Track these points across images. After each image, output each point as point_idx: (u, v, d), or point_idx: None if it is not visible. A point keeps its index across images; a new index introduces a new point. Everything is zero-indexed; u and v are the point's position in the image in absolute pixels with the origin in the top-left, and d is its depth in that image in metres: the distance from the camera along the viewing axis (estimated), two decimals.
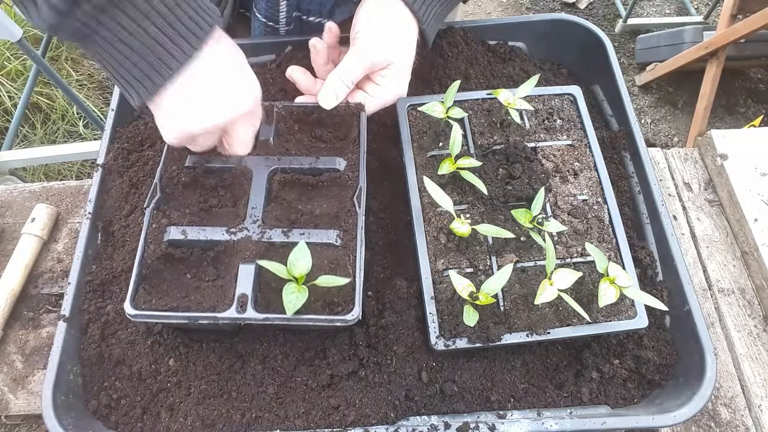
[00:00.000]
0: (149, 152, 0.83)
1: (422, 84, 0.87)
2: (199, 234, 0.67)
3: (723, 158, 0.95)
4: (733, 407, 0.78)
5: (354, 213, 0.69)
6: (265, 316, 0.63)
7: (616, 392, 0.70)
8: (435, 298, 0.67)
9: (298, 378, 0.68)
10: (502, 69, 0.89)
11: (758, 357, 0.81)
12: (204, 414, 0.66)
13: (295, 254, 0.62)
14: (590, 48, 0.89)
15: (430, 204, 0.72)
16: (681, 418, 0.62)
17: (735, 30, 2.11)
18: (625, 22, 2.78)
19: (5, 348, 0.81)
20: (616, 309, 0.68)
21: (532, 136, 0.78)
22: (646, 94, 2.68)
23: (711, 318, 0.85)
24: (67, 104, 2.30)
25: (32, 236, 0.87)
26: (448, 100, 0.75)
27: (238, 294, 0.64)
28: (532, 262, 0.70)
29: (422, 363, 0.69)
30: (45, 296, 0.85)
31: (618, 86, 0.85)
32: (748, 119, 2.52)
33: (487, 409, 0.68)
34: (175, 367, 0.69)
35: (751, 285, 0.88)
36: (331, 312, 0.64)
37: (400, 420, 0.66)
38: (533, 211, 0.69)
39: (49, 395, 0.64)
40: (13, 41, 1.59)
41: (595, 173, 0.76)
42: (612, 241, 0.72)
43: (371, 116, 0.78)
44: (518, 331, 0.66)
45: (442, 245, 0.70)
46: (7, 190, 0.96)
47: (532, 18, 0.92)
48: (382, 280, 0.73)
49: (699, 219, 0.94)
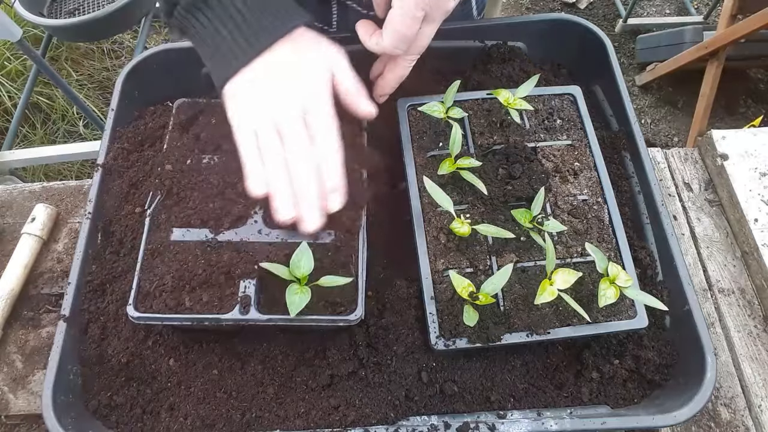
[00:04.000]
0: (149, 152, 0.83)
1: (423, 84, 0.87)
2: (200, 235, 0.67)
3: (723, 158, 0.95)
4: (733, 407, 0.78)
5: (356, 213, 0.69)
6: (269, 317, 0.63)
7: (616, 392, 0.70)
8: (435, 298, 0.67)
9: (298, 378, 0.68)
10: (502, 69, 0.89)
11: (758, 357, 0.81)
12: (204, 414, 0.66)
13: (297, 255, 0.62)
14: (590, 48, 0.89)
15: (430, 204, 0.72)
16: (681, 418, 0.62)
17: (735, 30, 2.11)
18: (625, 22, 2.78)
19: (5, 348, 0.81)
20: (616, 309, 0.68)
21: (532, 136, 0.78)
22: (646, 94, 2.68)
23: (711, 318, 0.85)
24: (67, 104, 2.30)
25: (32, 236, 0.87)
26: (448, 100, 0.75)
27: (240, 295, 0.64)
28: (532, 262, 0.70)
29: (422, 363, 0.69)
30: (45, 296, 0.85)
31: (618, 86, 0.85)
32: (748, 119, 2.52)
33: (487, 409, 0.68)
34: (175, 367, 0.69)
35: (751, 285, 0.88)
36: (333, 312, 0.64)
37: (400, 420, 0.66)
38: (533, 211, 0.69)
39: (49, 395, 0.64)
40: (13, 41, 1.59)
41: (595, 173, 0.76)
42: (612, 241, 0.72)
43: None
44: (518, 331, 0.66)
45: (442, 245, 0.70)
46: (7, 190, 0.96)
47: (532, 18, 0.92)
48: (382, 280, 0.73)
49: (699, 219, 0.94)
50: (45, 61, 1.87)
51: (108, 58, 2.47)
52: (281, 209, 0.58)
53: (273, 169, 0.58)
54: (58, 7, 2.04)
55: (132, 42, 2.53)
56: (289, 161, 0.58)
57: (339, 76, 0.61)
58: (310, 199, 0.58)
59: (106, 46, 2.48)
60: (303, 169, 0.58)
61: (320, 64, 0.61)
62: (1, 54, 2.29)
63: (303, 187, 0.58)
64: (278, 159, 0.58)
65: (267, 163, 0.58)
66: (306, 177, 0.58)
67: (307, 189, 0.58)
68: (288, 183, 0.58)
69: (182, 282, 0.65)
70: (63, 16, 2.01)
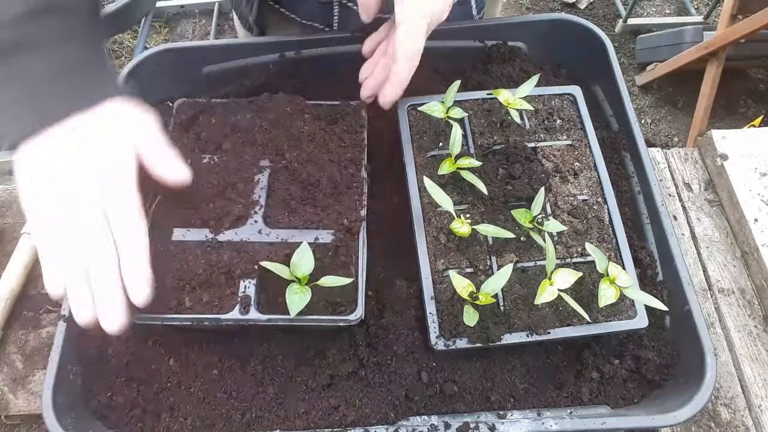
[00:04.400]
0: None
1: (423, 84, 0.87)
2: (200, 235, 0.67)
3: (723, 158, 0.95)
4: (733, 407, 0.78)
5: (356, 213, 0.69)
6: (269, 317, 0.63)
7: (616, 392, 0.70)
8: (435, 298, 0.67)
9: (298, 378, 0.68)
10: (502, 69, 0.89)
11: (758, 357, 0.81)
12: (204, 414, 0.66)
13: (298, 255, 0.62)
14: (590, 48, 0.89)
15: (430, 204, 0.72)
16: (681, 419, 0.62)
17: (735, 30, 2.11)
18: (625, 22, 2.78)
19: (5, 348, 0.81)
20: (616, 309, 0.68)
21: (532, 136, 0.78)
22: (646, 94, 2.68)
23: (711, 318, 0.85)
24: None
25: (32, 236, 0.87)
26: (448, 100, 0.75)
27: (240, 295, 0.64)
28: (532, 262, 0.70)
29: (422, 363, 0.69)
30: (45, 296, 0.85)
31: (618, 86, 0.85)
32: (748, 119, 2.52)
33: (487, 409, 0.68)
34: (175, 367, 0.69)
35: (751, 285, 0.88)
36: (334, 312, 0.64)
37: (400, 420, 0.66)
38: (533, 211, 0.69)
39: (49, 395, 0.64)
40: None
41: (595, 173, 0.76)
42: (612, 241, 0.72)
43: (371, 117, 0.78)
44: (518, 331, 0.66)
45: (442, 245, 0.70)
46: (7, 190, 0.96)
47: (532, 18, 0.92)
48: (382, 280, 0.73)
49: (699, 219, 0.94)
50: None
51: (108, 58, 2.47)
52: (78, 313, 0.54)
53: (70, 272, 0.54)
54: None
55: (132, 42, 2.53)
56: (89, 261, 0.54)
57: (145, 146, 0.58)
58: (109, 300, 0.54)
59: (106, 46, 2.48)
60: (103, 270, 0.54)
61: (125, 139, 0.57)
62: None
63: (102, 289, 0.54)
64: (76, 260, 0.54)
65: (64, 265, 0.54)
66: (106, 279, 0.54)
67: (107, 291, 0.54)
68: (86, 285, 0.54)
69: (182, 282, 0.65)
70: None
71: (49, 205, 0.54)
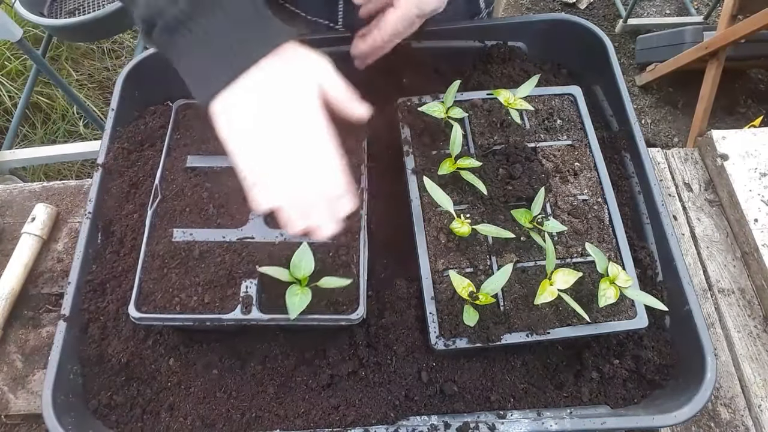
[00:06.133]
0: (149, 152, 0.83)
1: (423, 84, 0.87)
2: (201, 235, 0.67)
3: (723, 158, 0.95)
4: (733, 407, 0.78)
5: (356, 213, 0.69)
6: (270, 317, 0.63)
7: (616, 392, 0.70)
8: (435, 298, 0.67)
9: (298, 378, 0.68)
10: (502, 69, 0.89)
11: (758, 357, 0.81)
12: (204, 414, 0.66)
13: (298, 255, 0.62)
14: (590, 48, 0.89)
15: (430, 204, 0.73)
16: (681, 418, 0.62)
17: (735, 30, 2.11)
18: (625, 22, 2.78)
19: (5, 348, 0.81)
20: (616, 309, 0.68)
21: (532, 136, 0.78)
22: (646, 95, 2.68)
23: (711, 318, 0.85)
24: (67, 104, 2.30)
25: (32, 236, 0.87)
26: (448, 100, 0.75)
27: (242, 295, 0.64)
28: (532, 262, 0.70)
29: (422, 363, 0.69)
30: (45, 296, 0.85)
31: (618, 86, 0.85)
32: (748, 119, 2.52)
33: (487, 409, 0.68)
34: (175, 367, 0.69)
35: (751, 285, 0.88)
36: (335, 311, 0.64)
37: (400, 420, 0.66)
38: (533, 211, 0.69)
39: (49, 395, 0.64)
40: (13, 41, 1.59)
41: (595, 173, 0.76)
42: (612, 241, 0.72)
43: (371, 117, 0.78)
44: (518, 331, 0.66)
45: (442, 245, 0.70)
46: (7, 189, 0.96)
47: (532, 18, 0.92)
48: (382, 280, 0.73)
49: (699, 219, 0.94)
50: (45, 61, 1.88)
51: (108, 58, 2.47)
52: (292, 221, 0.58)
53: (276, 184, 0.58)
54: (59, 7, 2.04)
55: (132, 42, 2.53)
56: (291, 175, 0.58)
57: (328, 85, 0.61)
58: (319, 207, 0.58)
59: (106, 46, 2.48)
60: (306, 180, 0.58)
61: (309, 78, 0.61)
62: (2, 54, 2.29)
63: (310, 198, 0.58)
64: (280, 174, 0.58)
65: (269, 179, 0.58)
66: (311, 187, 0.58)
67: (314, 198, 0.58)
68: (294, 195, 0.58)
69: (183, 282, 0.65)
70: (63, 16, 2.01)
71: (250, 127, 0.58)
